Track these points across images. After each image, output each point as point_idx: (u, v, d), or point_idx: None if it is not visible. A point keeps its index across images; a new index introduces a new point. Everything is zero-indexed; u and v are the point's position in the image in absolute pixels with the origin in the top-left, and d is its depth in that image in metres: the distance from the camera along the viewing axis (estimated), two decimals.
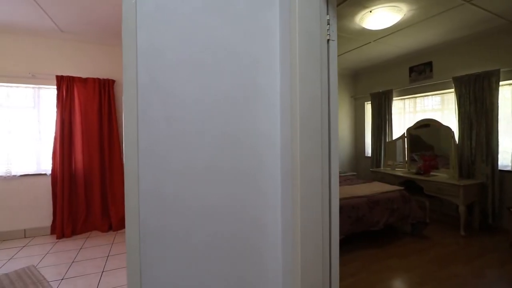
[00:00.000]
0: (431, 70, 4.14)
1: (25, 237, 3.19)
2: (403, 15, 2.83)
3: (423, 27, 3.24)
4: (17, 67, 3.23)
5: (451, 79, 3.73)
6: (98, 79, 3.46)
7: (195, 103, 0.96)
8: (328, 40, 1.02)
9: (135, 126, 0.90)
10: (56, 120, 3.25)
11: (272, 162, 1.06)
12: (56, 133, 3.24)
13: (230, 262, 1.02)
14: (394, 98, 4.71)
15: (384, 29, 3.16)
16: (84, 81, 3.41)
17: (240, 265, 1.03)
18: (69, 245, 2.97)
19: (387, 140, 4.72)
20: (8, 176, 3.15)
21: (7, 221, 3.15)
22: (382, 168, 4.70)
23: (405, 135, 4.33)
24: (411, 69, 4.40)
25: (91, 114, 3.42)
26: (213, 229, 0.99)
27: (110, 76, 3.59)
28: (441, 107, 4.18)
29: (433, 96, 4.29)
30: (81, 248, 2.87)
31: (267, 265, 1.07)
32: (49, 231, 3.27)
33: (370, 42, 3.73)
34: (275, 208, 1.07)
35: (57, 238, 3.13)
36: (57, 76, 3.27)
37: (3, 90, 3.24)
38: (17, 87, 3.29)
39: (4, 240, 3.10)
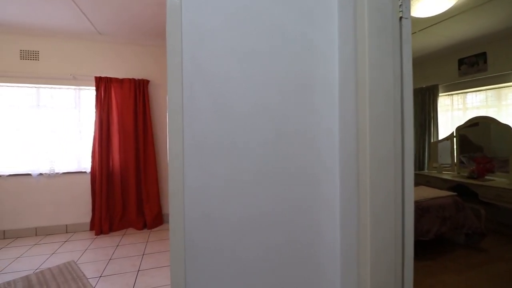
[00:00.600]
0: (485, 62, 3.70)
1: (66, 232, 3.33)
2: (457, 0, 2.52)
3: (477, 13, 2.88)
4: (60, 70, 3.39)
5: (511, 72, 3.29)
6: (134, 79, 3.52)
7: (244, 94, 0.85)
8: (400, 18, 0.86)
9: (180, 123, 0.81)
10: (95, 120, 3.36)
11: (331, 163, 0.92)
12: (95, 132, 3.35)
13: (283, 276, 0.90)
14: (440, 94, 4.29)
15: (432, 17, 2.85)
16: (120, 81, 3.50)
17: (293, 278, 0.91)
18: (107, 241, 3.04)
19: (431, 140, 4.32)
20: (52, 173, 3.31)
21: (50, 216, 3.31)
22: (426, 170, 4.31)
23: (454, 134, 3.91)
24: (461, 61, 3.97)
25: (127, 114, 3.49)
26: (264, 239, 0.87)
27: (145, 76, 3.65)
28: (497, 103, 3.72)
29: (486, 91, 3.83)
30: (117, 245, 2.92)
31: (325, 275, 0.93)
32: (88, 227, 3.40)
33: (415, 32, 3.41)
34: (334, 215, 0.92)
35: (95, 235, 3.24)
36: (95, 77, 3.38)
37: (48, 92, 3.42)
38: (59, 88, 3.46)
39: (48, 235, 3.27)
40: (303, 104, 0.90)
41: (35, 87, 3.37)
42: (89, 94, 3.55)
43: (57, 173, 3.33)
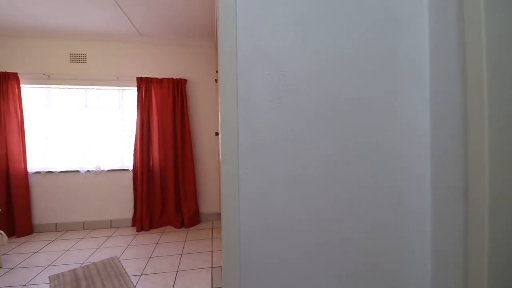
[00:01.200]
0: None
1: (111, 227, 3.47)
2: None
3: None
4: (105, 71, 3.53)
5: None
6: (172, 79, 3.55)
7: (311, 77, 0.69)
8: None
9: (234, 114, 0.67)
10: (137, 120, 3.45)
11: (418, 167, 0.72)
12: (136, 131, 3.44)
13: None
14: None
15: None
16: (160, 81, 3.54)
17: None
18: (147, 238, 3.09)
19: None
20: (98, 170, 3.47)
21: (97, 211, 3.47)
22: None
23: None
24: None
25: (166, 113, 3.53)
26: (341, 263, 0.70)
27: (183, 76, 3.67)
28: None
29: None
30: (157, 243, 2.95)
31: None
32: (130, 223, 3.50)
33: None
34: (424, 234, 0.72)
35: (137, 231, 3.32)
36: (137, 78, 3.47)
37: (94, 93, 3.58)
38: (105, 89, 3.61)
39: (94, 229, 3.43)
40: (382, 88, 0.71)
41: (83, 89, 3.56)
42: (131, 94, 3.66)
43: (102, 171, 3.48)
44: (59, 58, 3.45)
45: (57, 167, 3.42)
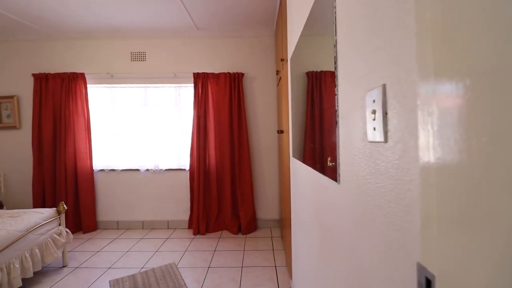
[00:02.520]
0: None
1: (168, 228, 3.38)
2: None
3: None
4: (163, 68, 3.45)
5: None
6: (229, 73, 3.31)
7: None
8: None
9: None
10: (193, 117, 3.29)
11: None
12: (193, 129, 3.28)
13: None
14: None
15: None
16: (216, 76, 3.33)
17: None
18: (204, 244, 2.88)
19: None
20: (156, 169, 3.41)
21: (155, 211, 3.42)
22: None
23: None
24: None
25: (222, 110, 3.31)
26: None
27: (239, 70, 3.40)
28: None
29: None
30: (215, 250, 2.72)
31: None
32: (186, 224, 3.37)
33: None
34: None
35: (193, 234, 3.16)
36: (194, 74, 3.31)
37: (153, 91, 3.54)
38: (163, 87, 3.54)
39: (153, 229, 3.38)
40: None
41: (143, 87, 3.53)
42: (187, 91, 3.52)
43: (160, 170, 3.41)
44: (120, 58, 3.47)
45: (119, 165, 3.45)
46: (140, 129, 3.50)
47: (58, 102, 3.33)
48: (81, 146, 3.32)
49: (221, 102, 3.31)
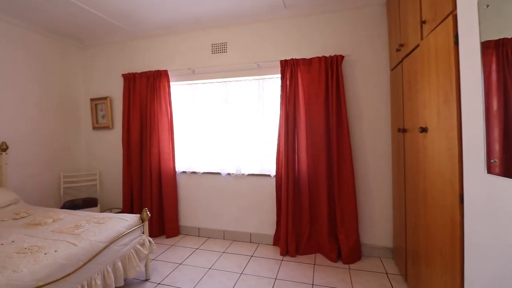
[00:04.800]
0: None
1: (250, 242, 2.95)
2: None
3: None
4: (245, 59, 3.02)
5: None
6: (324, 57, 2.63)
7: None
8: None
9: None
10: (280, 114, 2.75)
11: None
12: (280, 128, 2.75)
13: None
14: None
15: None
16: (308, 62, 2.70)
17: None
18: (297, 272, 2.31)
19: None
20: (238, 174, 3.01)
21: (236, 222, 3.03)
22: None
23: None
24: None
25: (315, 104, 2.67)
26: None
27: (338, 51, 2.69)
28: None
29: None
30: (313, 284, 2.11)
31: None
32: (271, 240, 2.87)
33: None
34: None
35: (281, 254, 2.63)
36: (281, 62, 2.76)
37: (234, 86, 3.15)
38: (244, 80, 3.11)
39: (234, 240, 3.00)
40: None
41: (224, 82, 3.18)
42: (272, 84, 3.01)
43: (242, 174, 3.00)
44: (201, 51, 3.19)
45: (200, 168, 3.19)
46: (220, 128, 3.17)
47: (144, 101, 3.26)
48: (165, 146, 3.17)
49: (314, 94, 2.67)
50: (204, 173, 3.18)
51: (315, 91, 2.67)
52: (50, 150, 3.27)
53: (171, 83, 3.26)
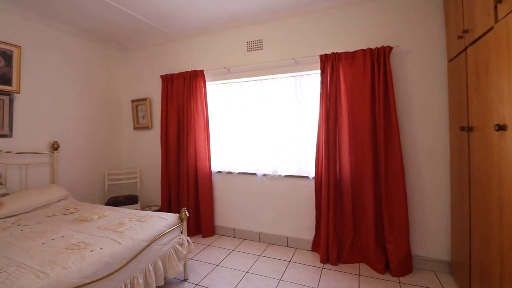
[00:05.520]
0: None
1: (287, 246, 2.83)
2: None
3: None
4: (282, 55, 2.91)
5: None
6: (369, 49, 2.42)
7: None
8: None
9: None
10: (320, 112, 2.59)
11: None
12: (319, 127, 2.59)
13: None
14: None
15: None
16: (351, 56, 2.51)
17: None
18: (340, 282, 2.15)
19: None
20: (274, 175, 2.91)
21: (273, 223, 2.93)
22: None
23: None
24: None
25: (360, 101, 2.46)
26: None
27: (385, 42, 2.45)
28: None
29: None
30: None
31: None
32: (310, 245, 2.72)
33: None
34: None
35: (321, 261, 2.47)
36: (320, 56, 2.60)
37: (269, 84, 3.05)
38: (281, 78, 3.00)
39: (270, 244, 2.91)
40: None
41: (259, 80, 3.10)
42: (310, 80, 2.86)
43: (279, 176, 2.89)
44: (236, 49, 3.15)
45: (236, 168, 3.14)
46: (256, 128, 3.09)
47: (181, 101, 3.30)
48: (201, 146, 3.18)
49: (359, 90, 2.47)
50: (239, 173, 3.13)
51: (359, 87, 2.47)
52: (96, 149, 3.46)
53: (206, 83, 3.26)
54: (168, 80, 3.38)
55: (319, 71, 2.67)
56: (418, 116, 2.39)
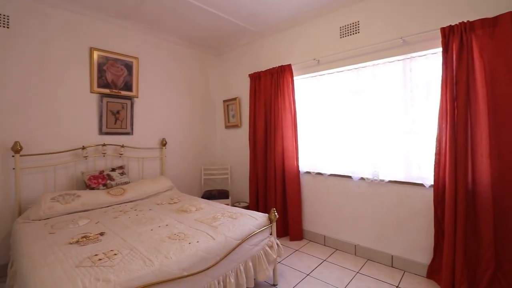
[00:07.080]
0: None
1: (392, 267, 2.35)
2: None
3: None
4: (384, 35, 2.44)
5: None
6: None
7: None
8: None
9: None
10: (441, 102, 2.03)
11: None
12: (440, 121, 2.03)
13: None
14: None
15: None
16: (491, 24, 1.86)
17: None
18: None
19: None
20: (375, 180, 2.47)
21: (373, 238, 2.50)
22: None
23: None
24: None
25: (505, 85, 1.79)
26: None
27: None
28: None
29: None
30: None
31: None
32: (425, 271, 2.17)
33: None
34: None
35: None
36: (442, 30, 2.02)
37: (368, 72, 2.62)
38: (383, 64, 2.53)
39: (369, 260, 2.49)
40: None
41: (355, 69, 2.71)
42: (423, 64, 2.29)
43: (381, 181, 2.44)
44: (327, 37, 2.85)
45: (326, 169, 2.85)
46: (351, 124, 2.71)
47: (268, 99, 3.24)
48: (288, 144, 3.03)
49: (504, 70, 1.80)
50: (330, 175, 2.82)
51: (505, 66, 1.80)
52: (195, 146, 3.81)
53: (294, 77, 3.08)
54: (255, 78, 3.37)
55: (438, 50, 2.11)
56: None
